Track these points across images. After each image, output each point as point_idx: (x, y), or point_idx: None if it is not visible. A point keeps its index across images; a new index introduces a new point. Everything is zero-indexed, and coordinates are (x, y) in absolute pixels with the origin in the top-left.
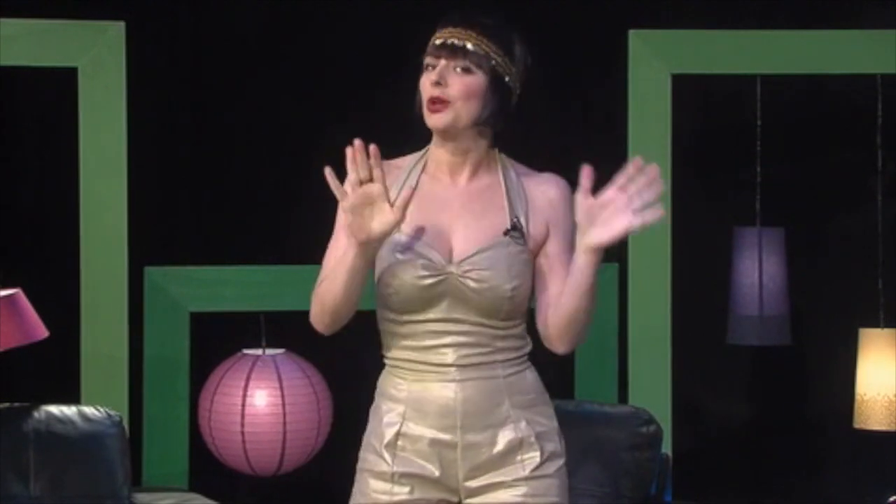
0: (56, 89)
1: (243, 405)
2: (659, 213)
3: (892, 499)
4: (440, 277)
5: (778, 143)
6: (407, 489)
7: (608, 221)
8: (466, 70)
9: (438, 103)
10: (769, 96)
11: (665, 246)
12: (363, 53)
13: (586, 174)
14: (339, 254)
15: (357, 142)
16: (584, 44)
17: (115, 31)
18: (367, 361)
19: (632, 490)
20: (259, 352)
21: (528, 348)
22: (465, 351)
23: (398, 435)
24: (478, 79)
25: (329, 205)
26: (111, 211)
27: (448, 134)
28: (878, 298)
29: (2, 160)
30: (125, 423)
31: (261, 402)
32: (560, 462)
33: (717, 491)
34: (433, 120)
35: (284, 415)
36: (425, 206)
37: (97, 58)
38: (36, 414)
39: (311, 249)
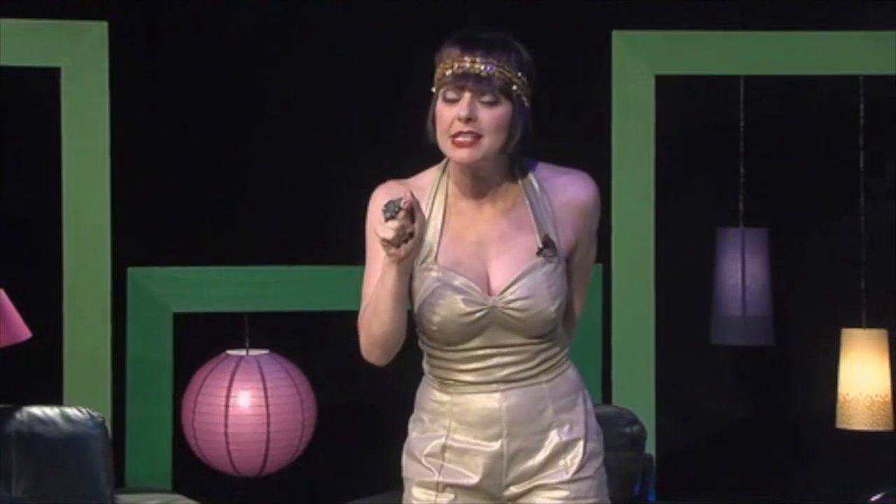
0: (39, 89)
1: (227, 406)
2: None
3: (874, 498)
4: (483, 311)
5: (761, 144)
6: (451, 497)
7: None
8: (493, 102)
9: (467, 138)
10: (752, 97)
11: (648, 246)
12: (351, 53)
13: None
14: (376, 282)
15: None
16: (567, 45)
17: (98, 32)
18: (351, 361)
19: (615, 490)
20: (243, 352)
21: (567, 349)
22: (510, 369)
23: (444, 448)
24: (505, 109)
25: (311, 205)
26: (94, 211)
27: (474, 165)
28: (861, 299)
29: None
30: (108, 424)
31: (244, 403)
32: (599, 461)
33: (701, 491)
34: (461, 154)
35: (268, 415)
36: (455, 237)
37: (80, 58)
38: (18, 415)
39: (295, 250)
